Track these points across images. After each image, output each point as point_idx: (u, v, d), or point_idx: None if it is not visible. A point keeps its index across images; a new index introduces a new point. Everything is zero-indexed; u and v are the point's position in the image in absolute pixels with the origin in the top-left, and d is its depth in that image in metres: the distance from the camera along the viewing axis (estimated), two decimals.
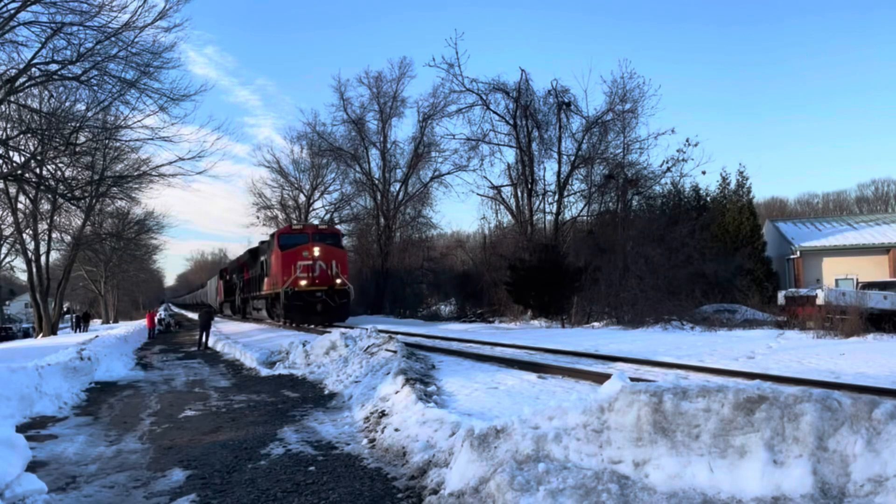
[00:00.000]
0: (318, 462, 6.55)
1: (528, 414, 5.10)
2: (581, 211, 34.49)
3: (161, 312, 54.92)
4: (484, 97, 35.43)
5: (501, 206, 37.36)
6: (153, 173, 28.14)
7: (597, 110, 35.64)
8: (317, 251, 27.77)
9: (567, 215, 34.80)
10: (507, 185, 36.87)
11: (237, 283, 44.42)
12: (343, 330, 17.07)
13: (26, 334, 47.99)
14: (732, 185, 35.37)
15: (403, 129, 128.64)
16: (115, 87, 20.66)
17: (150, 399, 11.98)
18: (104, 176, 29.58)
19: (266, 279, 32.15)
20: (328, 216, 49.14)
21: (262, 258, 33.03)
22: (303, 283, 27.23)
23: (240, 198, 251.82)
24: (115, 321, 62.41)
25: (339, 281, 27.75)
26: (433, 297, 44.95)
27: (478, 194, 40.26)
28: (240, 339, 24.70)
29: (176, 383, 14.28)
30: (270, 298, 31.46)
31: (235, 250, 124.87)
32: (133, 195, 35.78)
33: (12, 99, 20.06)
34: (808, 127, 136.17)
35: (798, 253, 35.85)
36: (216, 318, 49.94)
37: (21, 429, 8.48)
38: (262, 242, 35.53)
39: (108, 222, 48.11)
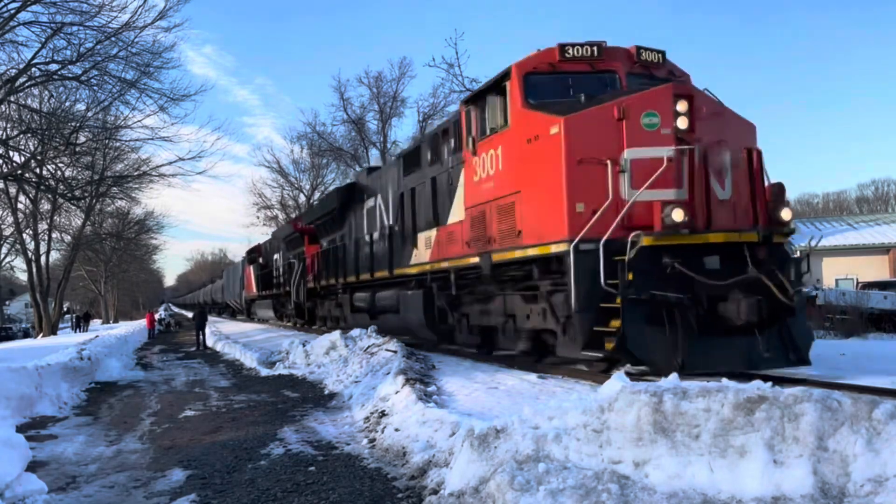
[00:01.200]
0: (318, 462, 6.55)
1: (528, 414, 5.10)
2: None
3: (161, 312, 54.98)
4: None
5: None
6: (153, 173, 28.20)
7: None
8: (706, 115, 8.87)
9: None
10: None
11: (293, 266, 25.57)
12: (342, 330, 17.06)
13: (26, 334, 48.00)
14: None
15: (403, 129, 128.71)
16: (115, 87, 20.71)
17: (150, 399, 11.99)
18: (104, 176, 29.57)
19: (441, 234, 12.46)
20: None
21: (396, 189, 14.99)
22: (676, 217, 8.17)
23: (240, 198, 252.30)
24: (116, 321, 62.40)
25: (785, 215, 9.09)
26: None
27: None
28: (240, 339, 24.71)
29: (176, 383, 14.29)
30: (462, 279, 11.99)
31: (236, 250, 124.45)
32: (133, 195, 35.86)
33: (12, 99, 20.06)
34: (807, 126, 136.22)
35: (798, 253, 35.86)
36: (237, 319, 48.02)
37: (21, 429, 8.47)
38: (370, 171, 18.41)
39: (108, 222, 48.15)
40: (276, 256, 30.52)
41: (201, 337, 24.92)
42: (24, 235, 39.40)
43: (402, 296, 14.53)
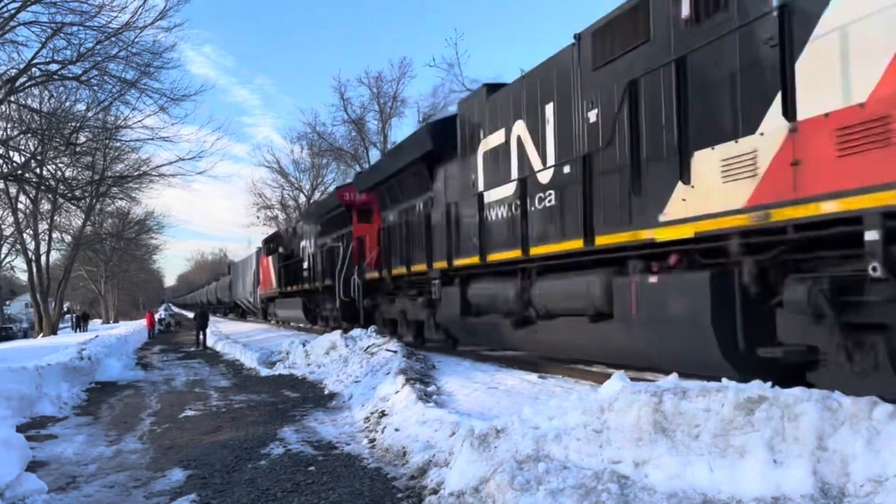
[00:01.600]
0: (318, 462, 6.55)
1: (528, 414, 5.10)
2: None
3: (161, 312, 55.00)
4: None
5: None
6: (153, 173, 28.29)
7: None
8: None
9: None
10: None
11: (334, 252, 19.52)
12: (342, 330, 17.07)
13: (25, 334, 48.02)
14: None
15: (404, 129, 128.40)
16: (115, 87, 20.79)
17: (151, 399, 11.99)
18: (104, 176, 29.62)
19: (823, 136, 5.13)
20: None
21: (592, 89, 8.40)
22: None
23: (239, 197, 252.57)
24: (116, 321, 62.42)
25: None
26: None
27: None
28: (240, 339, 24.71)
29: (176, 383, 14.29)
30: None
31: (236, 250, 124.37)
32: (133, 195, 35.93)
33: (12, 99, 20.09)
34: None
35: None
36: (247, 320, 46.14)
37: (21, 429, 8.48)
38: (491, 90, 11.40)
39: (108, 222, 48.20)
40: (304, 243, 24.87)
41: (202, 337, 24.95)
42: (25, 235, 39.46)
43: (632, 288, 7.38)
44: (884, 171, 4.72)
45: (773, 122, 5.68)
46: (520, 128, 10.18)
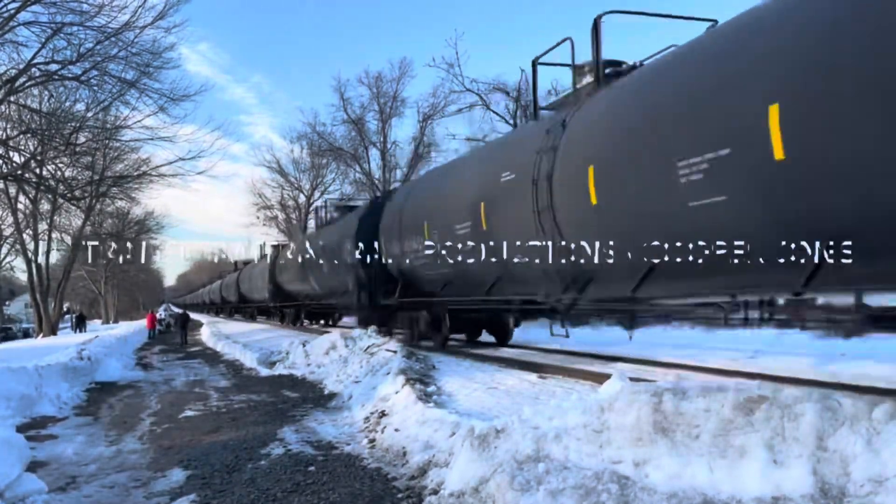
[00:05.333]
0: (317, 462, 6.55)
1: (528, 414, 5.11)
2: None
3: (161, 312, 55.02)
4: (484, 97, 35.44)
5: None
6: (153, 173, 28.22)
7: None
8: None
9: None
10: None
11: None
12: (343, 330, 17.05)
13: (26, 334, 48.01)
14: None
15: (404, 129, 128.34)
16: (115, 88, 20.74)
17: (150, 399, 11.99)
18: (104, 176, 29.56)
19: None
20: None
21: None
22: None
23: (237, 197, 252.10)
24: (116, 321, 62.36)
25: None
26: None
27: None
28: (240, 339, 24.71)
29: (176, 383, 14.29)
30: None
31: (235, 250, 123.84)
32: (133, 195, 35.77)
33: (12, 99, 20.05)
34: None
35: None
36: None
37: (21, 429, 8.48)
38: None
39: (108, 222, 48.11)
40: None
41: (183, 336, 28.12)
42: (24, 235, 39.40)
43: None
44: None
45: None
46: None
